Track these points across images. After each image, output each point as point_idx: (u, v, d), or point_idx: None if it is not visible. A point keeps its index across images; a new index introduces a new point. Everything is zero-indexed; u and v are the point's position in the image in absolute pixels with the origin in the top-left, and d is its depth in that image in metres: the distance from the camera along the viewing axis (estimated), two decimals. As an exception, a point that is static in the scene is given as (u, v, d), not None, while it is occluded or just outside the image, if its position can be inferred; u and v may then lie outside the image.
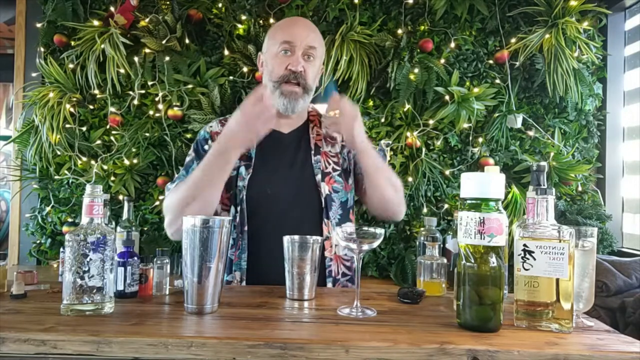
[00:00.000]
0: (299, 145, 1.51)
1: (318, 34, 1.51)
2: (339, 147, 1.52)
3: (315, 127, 1.54)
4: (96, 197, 1.00)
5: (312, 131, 1.53)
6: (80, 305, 0.95)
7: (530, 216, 0.98)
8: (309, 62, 1.45)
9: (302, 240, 1.14)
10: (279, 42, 1.45)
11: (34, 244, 2.67)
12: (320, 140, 1.51)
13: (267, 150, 1.48)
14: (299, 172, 1.46)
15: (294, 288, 1.12)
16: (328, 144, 1.51)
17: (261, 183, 1.42)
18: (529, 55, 2.50)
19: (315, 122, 1.55)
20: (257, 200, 1.41)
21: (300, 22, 1.55)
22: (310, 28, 1.51)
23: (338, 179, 1.48)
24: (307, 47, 1.44)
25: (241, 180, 1.42)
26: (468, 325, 0.91)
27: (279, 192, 1.42)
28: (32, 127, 2.59)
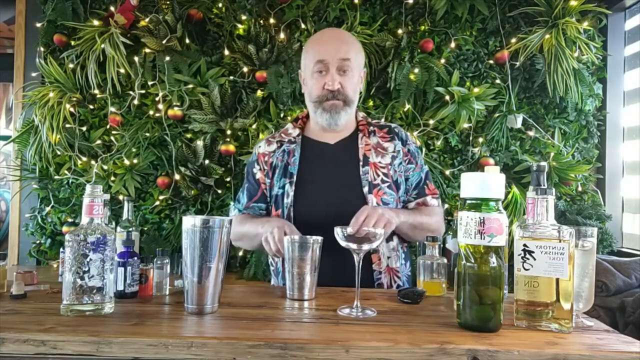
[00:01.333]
0: (346, 156, 1.48)
1: (353, 43, 1.49)
2: (389, 157, 1.48)
3: (365, 136, 1.51)
4: (96, 197, 1.00)
5: (360, 141, 1.50)
6: (80, 305, 0.95)
7: (530, 216, 0.98)
8: (346, 76, 1.44)
9: (302, 240, 1.13)
10: (313, 62, 1.45)
11: (34, 244, 2.67)
12: (369, 151, 1.48)
13: (312, 163, 1.48)
14: (345, 185, 1.44)
15: (294, 288, 1.12)
16: (378, 154, 1.48)
17: (306, 198, 1.43)
18: (529, 55, 2.50)
19: (364, 132, 1.52)
20: (304, 216, 1.41)
21: (330, 36, 1.53)
22: (344, 39, 1.49)
23: (388, 191, 1.44)
24: (339, 61, 1.42)
25: (287, 197, 1.43)
26: (468, 325, 0.91)
27: (324, 206, 1.41)
28: (32, 127, 2.59)
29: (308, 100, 1.50)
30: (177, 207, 2.62)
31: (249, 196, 1.54)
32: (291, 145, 1.51)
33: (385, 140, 1.51)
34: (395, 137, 1.52)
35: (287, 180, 1.45)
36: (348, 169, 1.46)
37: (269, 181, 1.50)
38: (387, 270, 1.44)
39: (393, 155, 1.49)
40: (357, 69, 1.48)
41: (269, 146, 1.54)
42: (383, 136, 1.52)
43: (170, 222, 2.63)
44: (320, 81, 1.44)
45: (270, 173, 1.51)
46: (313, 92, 1.46)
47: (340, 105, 1.44)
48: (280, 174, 1.48)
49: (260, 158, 1.54)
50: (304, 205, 1.42)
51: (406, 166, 1.51)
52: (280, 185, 1.46)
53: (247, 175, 1.57)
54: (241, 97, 2.60)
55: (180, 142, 2.60)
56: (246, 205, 1.54)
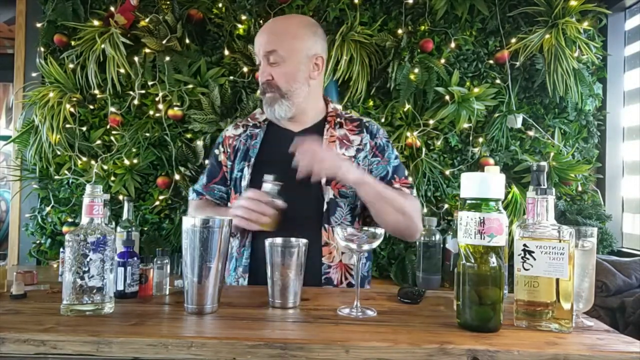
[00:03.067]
0: None
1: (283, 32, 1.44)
2: (354, 150, 1.47)
3: (331, 128, 1.50)
4: (96, 197, 1.00)
5: (326, 132, 1.49)
6: (80, 305, 0.95)
7: (530, 216, 0.98)
8: (275, 67, 1.42)
9: (286, 244, 1.06)
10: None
11: (34, 244, 2.67)
12: (333, 142, 1.46)
13: (273, 149, 1.47)
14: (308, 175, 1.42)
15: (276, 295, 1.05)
16: (343, 146, 1.47)
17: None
18: (529, 55, 2.50)
19: (331, 123, 1.51)
20: None
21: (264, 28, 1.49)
22: (271, 30, 1.46)
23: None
24: (266, 53, 1.42)
25: (244, 180, 1.44)
26: (468, 325, 0.91)
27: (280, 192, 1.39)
28: (32, 127, 2.59)
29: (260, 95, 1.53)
30: (177, 207, 2.62)
31: (209, 177, 1.56)
32: (255, 130, 1.53)
33: (353, 133, 1.50)
34: (364, 131, 1.50)
35: (245, 164, 1.46)
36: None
37: (230, 164, 1.51)
38: (339, 266, 1.41)
39: (359, 148, 1.47)
40: (294, 58, 1.43)
41: (235, 130, 1.56)
42: (351, 129, 1.51)
43: (170, 222, 2.63)
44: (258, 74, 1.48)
45: (232, 156, 1.51)
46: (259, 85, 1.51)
47: (276, 97, 1.43)
48: (240, 157, 1.49)
49: (225, 141, 1.56)
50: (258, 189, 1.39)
51: (371, 159, 1.48)
52: (239, 168, 1.47)
53: (210, 157, 1.60)
54: (241, 97, 2.60)
55: (180, 142, 2.59)
56: (206, 186, 1.55)
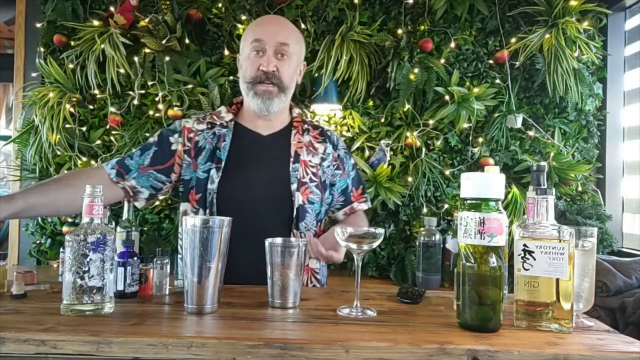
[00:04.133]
0: (277, 150, 1.45)
1: (292, 30, 1.46)
2: (319, 158, 1.47)
3: (298, 133, 1.48)
4: (96, 197, 1.00)
5: (293, 137, 1.47)
6: (80, 305, 0.95)
7: (530, 216, 0.98)
8: (283, 61, 1.41)
9: (286, 244, 1.06)
10: (250, 41, 1.41)
11: (34, 244, 2.67)
12: (301, 148, 1.45)
13: (242, 152, 1.43)
14: (274, 179, 1.40)
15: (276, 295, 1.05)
16: (309, 152, 1.46)
17: (232, 187, 1.38)
18: (529, 55, 2.50)
19: (298, 129, 1.49)
20: (227, 204, 1.36)
21: (271, 19, 1.51)
22: (282, 24, 1.45)
23: (315, 190, 1.42)
24: (278, 44, 1.39)
25: (211, 183, 1.38)
26: (468, 325, 0.91)
27: (249, 197, 1.37)
28: (32, 127, 2.59)
29: (242, 82, 1.46)
30: (177, 207, 2.62)
31: (154, 160, 1.42)
32: (223, 130, 1.45)
33: (317, 141, 1.50)
34: (327, 140, 1.51)
35: (213, 165, 1.40)
36: (278, 164, 1.42)
37: (190, 160, 1.43)
38: (306, 270, 1.41)
39: (323, 157, 1.48)
40: (296, 57, 1.45)
41: (198, 124, 1.48)
42: (315, 136, 1.51)
43: (170, 222, 2.63)
44: (256, 62, 1.40)
45: (192, 152, 1.44)
46: (247, 72, 1.42)
47: (274, 91, 1.40)
48: (206, 158, 1.42)
49: (184, 131, 1.46)
50: (228, 192, 1.37)
51: (334, 171, 1.50)
52: (204, 169, 1.41)
53: (159, 140, 1.45)
54: (241, 97, 2.60)
55: (180, 142, 2.59)
56: (144, 168, 1.41)
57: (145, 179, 1.42)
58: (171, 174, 1.45)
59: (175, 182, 1.47)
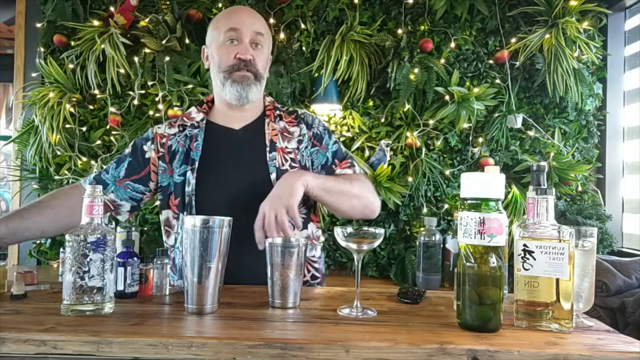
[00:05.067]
0: (252, 141, 1.41)
1: (264, 22, 1.46)
2: (295, 142, 1.44)
3: (272, 121, 1.45)
4: (96, 197, 1.00)
5: (267, 126, 1.44)
6: (80, 305, 0.95)
7: (530, 216, 0.98)
8: (257, 50, 1.40)
9: (285, 244, 1.06)
10: (224, 30, 1.39)
11: (34, 244, 2.67)
12: (275, 136, 1.42)
13: (216, 149, 1.40)
14: (252, 172, 1.37)
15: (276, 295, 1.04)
16: (285, 139, 1.43)
17: (209, 186, 1.36)
18: (529, 55, 2.50)
19: (271, 117, 1.46)
20: (207, 205, 1.34)
21: (244, 9, 1.49)
22: (256, 15, 1.45)
23: None
24: (254, 33, 1.39)
25: (188, 185, 1.35)
26: (468, 325, 0.91)
27: (229, 194, 1.35)
28: (32, 127, 2.59)
29: (216, 73, 1.42)
30: (177, 207, 2.62)
31: (129, 171, 1.41)
32: (194, 130, 1.43)
33: (292, 125, 1.47)
34: (301, 122, 1.48)
35: (188, 167, 1.37)
36: (254, 155, 1.39)
37: (165, 166, 1.41)
38: None
39: (299, 139, 1.44)
40: (267, 49, 1.45)
41: (169, 128, 1.45)
42: (290, 121, 1.48)
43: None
44: (232, 50, 1.38)
45: (167, 157, 1.41)
46: (222, 61, 1.39)
47: (251, 77, 1.38)
48: (180, 160, 1.39)
49: (156, 138, 1.43)
50: (207, 193, 1.35)
51: (310, 150, 1.45)
52: (180, 172, 1.38)
53: (133, 150, 1.44)
54: (241, 97, 2.59)
55: (180, 142, 2.59)
56: (120, 180, 1.40)
57: (123, 191, 1.41)
58: (149, 182, 1.43)
59: (154, 191, 1.45)
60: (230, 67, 1.38)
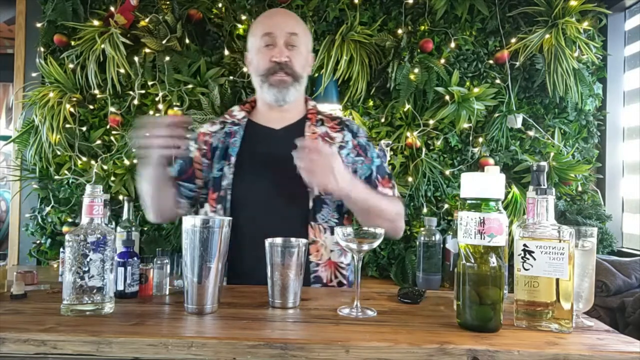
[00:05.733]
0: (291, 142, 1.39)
1: (299, 21, 1.47)
2: (336, 147, 1.45)
3: (313, 125, 1.47)
4: (96, 197, 1.00)
5: (308, 129, 1.46)
6: (80, 305, 0.95)
7: (530, 216, 0.98)
8: (293, 51, 1.42)
9: (286, 244, 1.06)
10: (260, 35, 1.42)
11: (34, 244, 2.67)
12: (315, 139, 1.43)
13: (254, 147, 1.43)
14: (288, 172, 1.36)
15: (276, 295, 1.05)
16: (325, 143, 1.43)
17: (246, 182, 1.39)
18: (529, 55, 2.50)
19: (312, 120, 1.48)
20: (242, 200, 1.37)
21: (278, 11, 1.53)
22: (290, 15, 1.47)
23: None
24: (287, 34, 1.41)
25: (224, 179, 1.39)
26: (468, 325, 0.91)
27: (263, 192, 1.37)
28: (32, 127, 2.59)
29: (254, 77, 1.46)
30: (177, 207, 2.62)
31: (179, 172, 1.47)
32: (234, 127, 1.47)
33: (334, 131, 1.48)
34: (345, 129, 1.50)
35: (225, 163, 1.41)
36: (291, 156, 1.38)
37: (207, 162, 1.46)
38: (329, 264, 1.39)
39: (341, 145, 1.46)
40: (305, 47, 1.47)
41: (211, 126, 1.51)
42: (332, 126, 1.49)
43: (170, 222, 2.63)
44: (267, 54, 1.41)
45: (208, 154, 1.46)
46: (260, 66, 1.43)
47: (289, 80, 1.41)
48: (220, 156, 1.44)
49: (199, 137, 1.49)
50: (243, 189, 1.39)
51: (354, 158, 1.47)
52: (218, 167, 1.43)
53: None
54: (241, 97, 2.59)
55: (180, 142, 2.59)
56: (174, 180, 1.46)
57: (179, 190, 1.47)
58: (195, 180, 1.47)
59: (203, 187, 1.49)
60: (266, 70, 1.42)
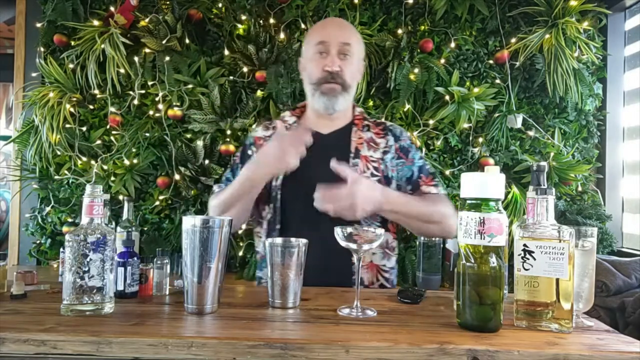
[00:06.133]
0: (338, 146, 1.49)
1: (353, 31, 1.51)
2: (381, 152, 1.49)
3: (359, 130, 1.52)
4: (96, 197, 1.00)
5: (354, 134, 1.51)
6: (80, 305, 0.95)
7: (530, 216, 0.98)
8: (345, 60, 1.46)
9: (286, 244, 1.06)
10: (314, 44, 1.47)
11: (34, 244, 2.67)
12: (361, 144, 1.49)
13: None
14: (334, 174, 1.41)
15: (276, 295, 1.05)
16: (370, 148, 1.49)
17: (294, 184, 1.43)
18: (529, 55, 2.50)
19: (359, 126, 1.53)
20: (291, 200, 1.43)
21: (333, 21, 1.57)
22: (344, 26, 1.51)
23: None
24: (341, 44, 1.44)
25: (275, 180, 1.45)
26: (468, 325, 0.91)
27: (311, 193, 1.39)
28: (32, 127, 2.59)
29: (307, 84, 1.51)
30: (177, 207, 2.62)
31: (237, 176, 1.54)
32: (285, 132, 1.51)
33: (379, 136, 1.52)
34: (389, 133, 1.53)
35: None
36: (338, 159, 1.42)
37: None
38: (370, 267, 1.42)
39: (385, 150, 1.50)
40: (357, 57, 1.50)
41: (265, 131, 1.57)
42: (377, 132, 1.53)
43: (170, 222, 2.63)
44: (320, 63, 1.45)
45: None
46: (313, 74, 1.47)
47: (338, 89, 1.45)
48: None
49: (256, 141, 1.56)
50: (291, 189, 1.44)
51: (396, 161, 1.50)
52: None
53: (242, 156, 1.57)
54: (241, 97, 2.60)
55: (180, 142, 2.60)
56: None
57: None
58: None
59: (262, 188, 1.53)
60: (318, 79, 1.46)
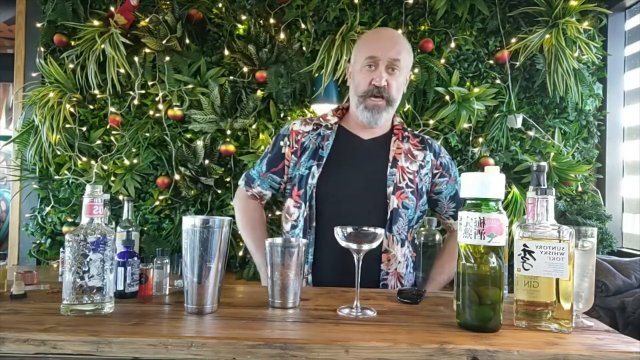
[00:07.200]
0: (376, 154, 1.51)
1: (403, 44, 1.51)
2: (417, 165, 1.51)
3: (398, 140, 1.54)
4: (96, 197, 1.00)
5: (393, 144, 1.53)
6: (80, 305, 0.95)
7: (530, 216, 0.98)
8: (393, 75, 1.47)
9: (286, 244, 1.06)
10: (364, 56, 1.48)
11: (34, 244, 2.67)
12: (399, 154, 1.50)
13: (343, 152, 1.51)
14: (371, 181, 1.46)
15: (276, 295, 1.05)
16: (407, 159, 1.50)
17: (331, 184, 1.45)
18: (529, 55, 2.50)
19: (398, 136, 1.55)
20: (326, 200, 1.44)
21: (385, 35, 1.57)
22: (395, 40, 1.51)
23: (410, 196, 1.46)
24: (391, 60, 1.45)
25: (312, 178, 1.46)
26: (468, 325, 0.91)
27: (346, 194, 1.44)
28: (32, 127, 2.59)
29: (353, 94, 1.53)
30: (177, 207, 2.62)
31: (268, 166, 1.57)
32: (327, 131, 1.55)
33: (417, 149, 1.54)
34: (427, 148, 1.55)
35: (315, 162, 1.48)
36: (376, 167, 1.48)
37: (296, 159, 1.52)
38: (394, 274, 1.44)
39: (421, 164, 1.51)
40: (405, 70, 1.52)
41: (304, 126, 1.58)
42: (415, 144, 1.55)
43: (170, 222, 2.63)
44: (369, 76, 1.46)
45: (298, 152, 1.53)
46: (360, 86, 1.49)
47: (382, 105, 1.47)
48: (309, 156, 1.51)
49: (292, 134, 1.56)
50: (327, 189, 1.45)
51: (437, 179, 1.53)
52: (307, 166, 1.49)
53: (273, 146, 1.60)
54: (241, 97, 2.60)
55: (180, 142, 2.60)
56: (264, 174, 1.58)
57: (266, 182, 1.58)
58: (283, 174, 1.55)
59: (287, 181, 1.56)
60: (364, 92, 1.48)
